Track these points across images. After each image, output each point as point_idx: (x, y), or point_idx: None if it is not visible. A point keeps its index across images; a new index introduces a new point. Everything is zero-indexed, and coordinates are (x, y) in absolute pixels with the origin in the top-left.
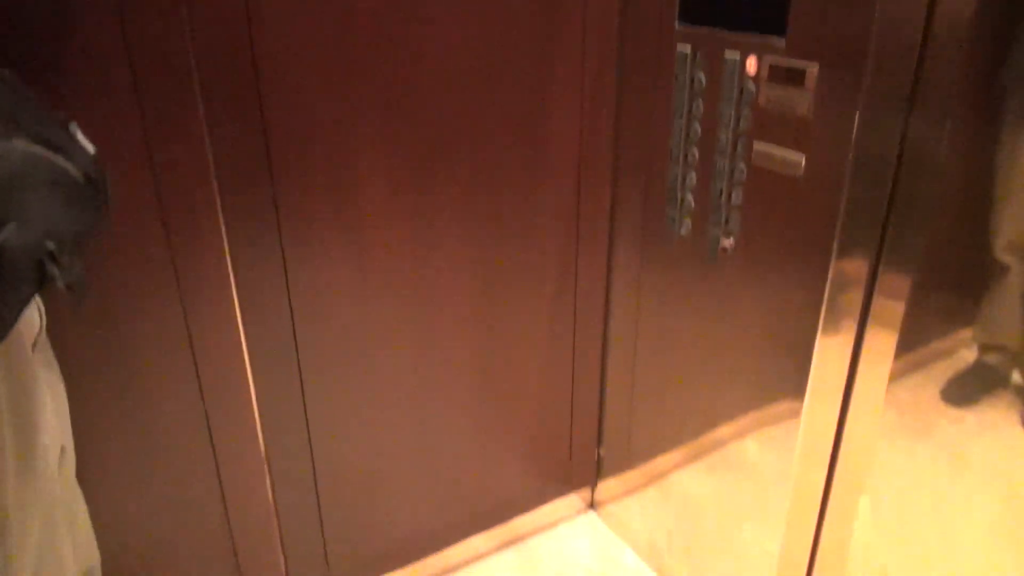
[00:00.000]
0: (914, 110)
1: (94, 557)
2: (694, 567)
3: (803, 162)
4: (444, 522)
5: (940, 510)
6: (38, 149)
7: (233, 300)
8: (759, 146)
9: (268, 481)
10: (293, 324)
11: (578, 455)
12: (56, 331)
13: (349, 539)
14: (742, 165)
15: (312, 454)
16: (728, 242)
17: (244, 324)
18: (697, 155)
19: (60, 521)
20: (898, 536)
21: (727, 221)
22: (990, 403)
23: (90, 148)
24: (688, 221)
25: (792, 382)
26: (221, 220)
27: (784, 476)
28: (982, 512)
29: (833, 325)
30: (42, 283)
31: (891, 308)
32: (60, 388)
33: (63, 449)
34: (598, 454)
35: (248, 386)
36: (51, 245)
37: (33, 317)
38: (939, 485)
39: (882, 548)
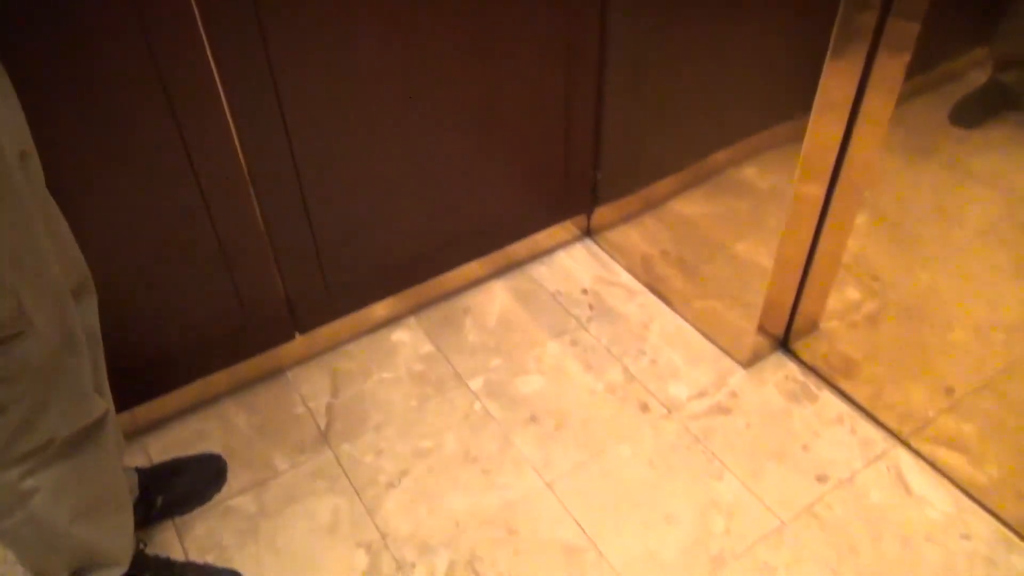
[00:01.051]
0: None
1: (83, 272)
2: (687, 283)
3: None
4: (440, 247)
5: (937, 220)
6: None
7: (196, 22)
8: None
9: (254, 200)
10: (267, 51)
11: (574, 180)
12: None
13: (346, 263)
14: None
15: (299, 178)
16: None
17: (211, 45)
18: None
19: (38, 229)
20: (893, 245)
21: None
22: (997, 124)
23: None
24: None
25: (797, 104)
26: None
27: (783, 196)
28: (979, 220)
29: (844, 43)
30: None
31: (905, 28)
32: (8, 90)
33: (24, 154)
34: (594, 177)
35: (221, 101)
36: None
37: None
38: (938, 198)
39: (876, 257)
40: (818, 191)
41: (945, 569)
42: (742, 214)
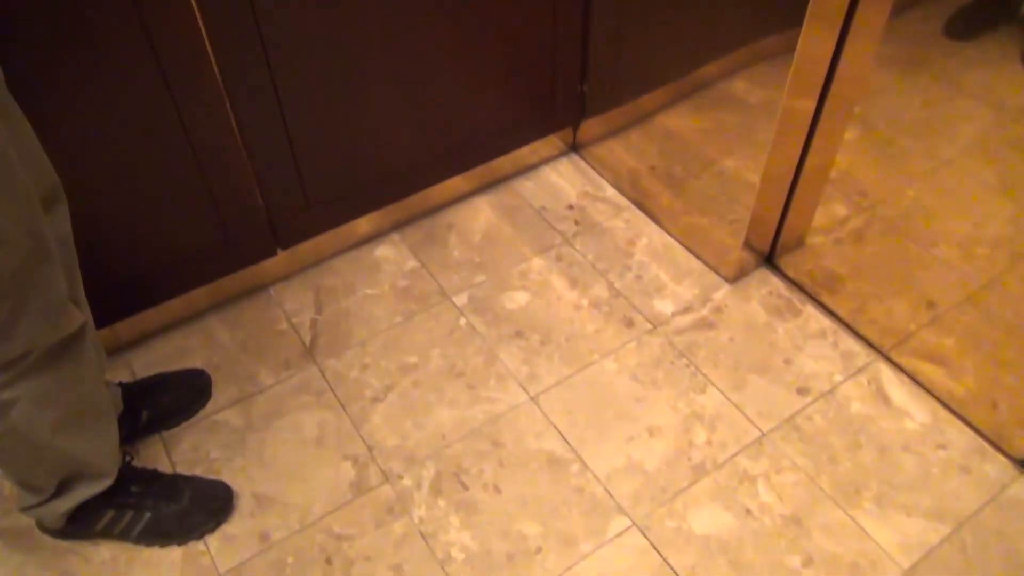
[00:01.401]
0: None
1: (52, 180)
2: (674, 198)
3: None
4: (424, 161)
5: (926, 135)
6: None
7: None
8: None
9: (229, 111)
10: None
11: (560, 93)
12: None
13: (327, 177)
14: None
15: (275, 87)
16: None
17: None
18: None
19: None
20: (881, 160)
21: None
22: (991, 37)
23: None
24: None
25: (789, 15)
26: None
27: (773, 110)
28: (968, 135)
29: None
30: None
31: None
32: None
33: None
34: (581, 91)
35: (192, 7)
36: None
37: None
38: (928, 112)
39: (864, 172)
40: (808, 105)
41: (921, 477)
42: (730, 129)
